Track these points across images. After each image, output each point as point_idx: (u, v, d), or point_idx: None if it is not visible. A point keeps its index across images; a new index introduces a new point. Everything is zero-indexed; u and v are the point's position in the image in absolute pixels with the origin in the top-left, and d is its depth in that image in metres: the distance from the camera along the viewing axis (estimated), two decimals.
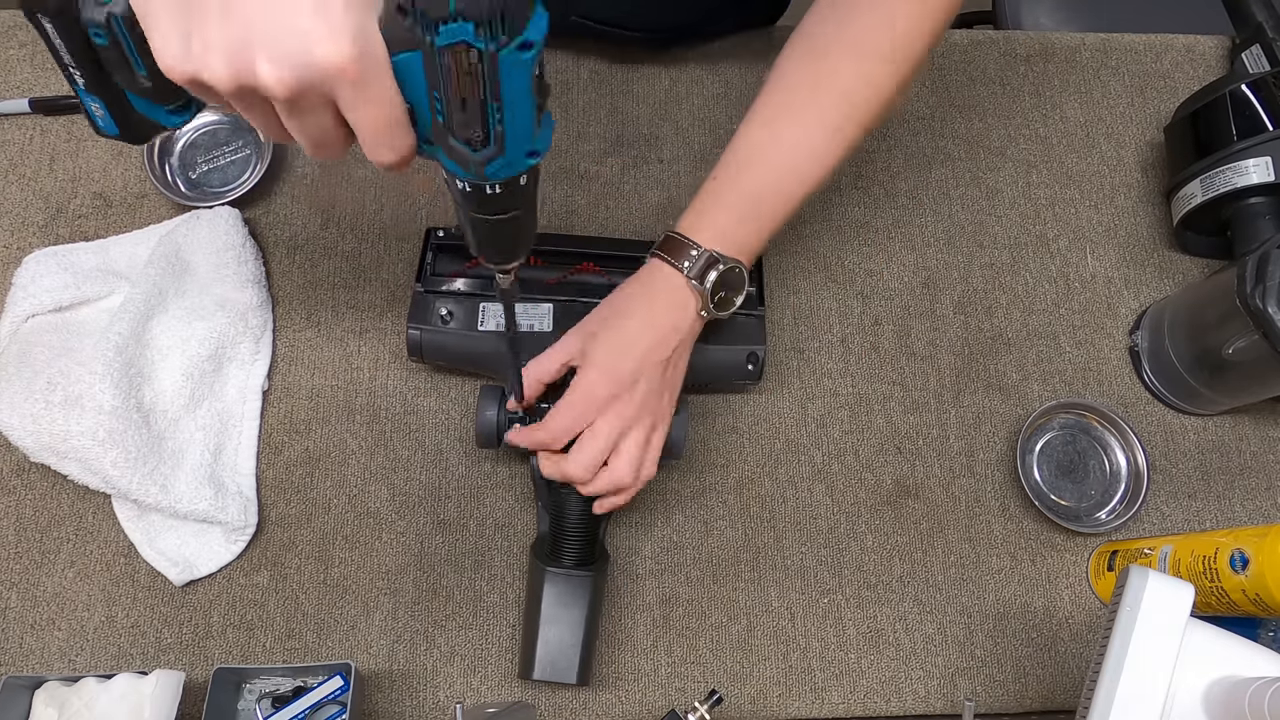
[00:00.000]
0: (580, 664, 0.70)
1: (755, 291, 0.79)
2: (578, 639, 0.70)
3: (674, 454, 0.74)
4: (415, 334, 0.76)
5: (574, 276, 0.80)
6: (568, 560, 0.72)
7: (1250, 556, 0.65)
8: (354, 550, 0.78)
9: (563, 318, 0.76)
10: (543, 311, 0.77)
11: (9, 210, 0.85)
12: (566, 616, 0.71)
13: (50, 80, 0.89)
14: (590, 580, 0.72)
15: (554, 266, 0.80)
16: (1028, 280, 0.90)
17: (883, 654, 0.78)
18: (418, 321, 0.76)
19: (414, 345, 0.76)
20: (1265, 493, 0.85)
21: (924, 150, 0.93)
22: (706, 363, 0.77)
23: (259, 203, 0.86)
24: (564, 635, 0.70)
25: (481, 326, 0.76)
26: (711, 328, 0.73)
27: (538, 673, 0.70)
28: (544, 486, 0.73)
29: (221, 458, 0.77)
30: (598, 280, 0.79)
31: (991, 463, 0.84)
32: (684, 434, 0.74)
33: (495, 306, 0.77)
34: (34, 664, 0.74)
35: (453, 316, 0.76)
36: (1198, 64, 0.98)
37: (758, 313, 0.79)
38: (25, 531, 0.77)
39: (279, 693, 0.73)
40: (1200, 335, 0.81)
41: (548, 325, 0.76)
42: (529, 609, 0.72)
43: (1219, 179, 0.83)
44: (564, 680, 0.70)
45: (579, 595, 0.71)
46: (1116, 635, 0.56)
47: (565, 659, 0.70)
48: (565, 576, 0.71)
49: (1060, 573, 0.81)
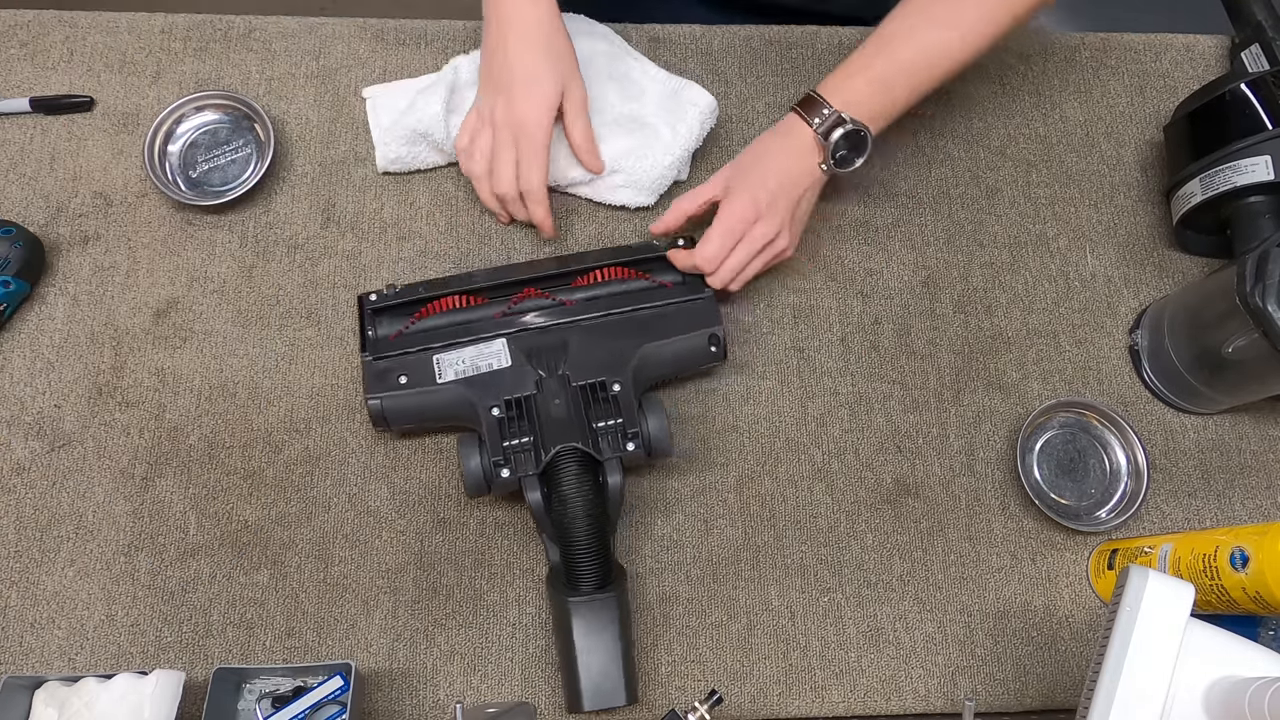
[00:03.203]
0: (625, 684, 0.70)
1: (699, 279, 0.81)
2: (617, 660, 0.70)
3: (662, 452, 0.75)
4: (375, 404, 0.75)
5: (517, 305, 0.80)
6: (586, 586, 0.71)
7: (1250, 554, 0.65)
8: (354, 549, 0.78)
9: (519, 348, 0.77)
10: (497, 348, 0.77)
11: (9, 210, 0.85)
12: (600, 642, 0.70)
13: (50, 80, 0.89)
14: (614, 599, 0.71)
15: (493, 302, 0.80)
16: (1027, 279, 0.90)
17: (883, 653, 0.78)
18: (375, 391, 0.75)
19: (377, 415, 0.75)
20: (1265, 491, 0.85)
21: (924, 149, 0.93)
22: (673, 354, 0.79)
23: (259, 202, 0.86)
24: (603, 661, 0.70)
25: (440, 379, 0.76)
26: (662, 322, 0.79)
27: (588, 705, 0.69)
28: (545, 519, 0.72)
29: None
30: (541, 302, 0.80)
31: (991, 461, 0.84)
32: (665, 433, 0.74)
33: (449, 356, 0.76)
34: (34, 662, 0.74)
35: (409, 377, 0.75)
36: (1197, 63, 0.98)
37: (705, 295, 0.80)
38: (25, 530, 0.77)
39: (279, 692, 0.73)
40: (1200, 334, 0.81)
41: (505, 360, 0.76)
42: (562, 643, 0.71)
43: (1218, 178, 0.83)
44: (614, 704, 0.69)
45: (607, 618, 0.70)
46: (1116, 635, 0.56)
47: (610, 683, 0.69)
48: (588, 603, 0.70)
49: (1060, 571, 0.81)
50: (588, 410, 0.74)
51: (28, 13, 0.90)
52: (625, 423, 0.74)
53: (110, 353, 0.82)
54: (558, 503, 0.72)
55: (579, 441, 0.72)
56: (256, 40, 0.91)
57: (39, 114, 0.87)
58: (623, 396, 0.75)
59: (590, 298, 0.80)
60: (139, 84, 0.89)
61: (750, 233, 0.78)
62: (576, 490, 0.71)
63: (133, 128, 0.88)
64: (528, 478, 0.72)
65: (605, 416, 0.74)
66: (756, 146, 0.81)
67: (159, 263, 0.84)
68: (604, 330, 0.78)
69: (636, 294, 0.81)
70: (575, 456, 0.72)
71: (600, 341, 0.78)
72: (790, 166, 0.79)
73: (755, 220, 0.78)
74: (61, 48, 0.90)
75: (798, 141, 0.78)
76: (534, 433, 0.73)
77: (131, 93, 0.89)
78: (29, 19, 0.90)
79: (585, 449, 0.72)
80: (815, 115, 0.77)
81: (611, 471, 0.72)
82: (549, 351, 0.77)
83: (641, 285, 0.82)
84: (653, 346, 0.78)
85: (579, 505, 0.71)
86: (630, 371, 0.76)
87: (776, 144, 0.79)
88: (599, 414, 0.74)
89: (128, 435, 0.80)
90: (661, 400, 0.76)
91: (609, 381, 0.76)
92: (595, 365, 0.76)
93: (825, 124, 0.77)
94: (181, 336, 0.83)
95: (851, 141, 0.78)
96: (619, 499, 0.73)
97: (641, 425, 0.74)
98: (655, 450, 0.74)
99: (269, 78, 0.90)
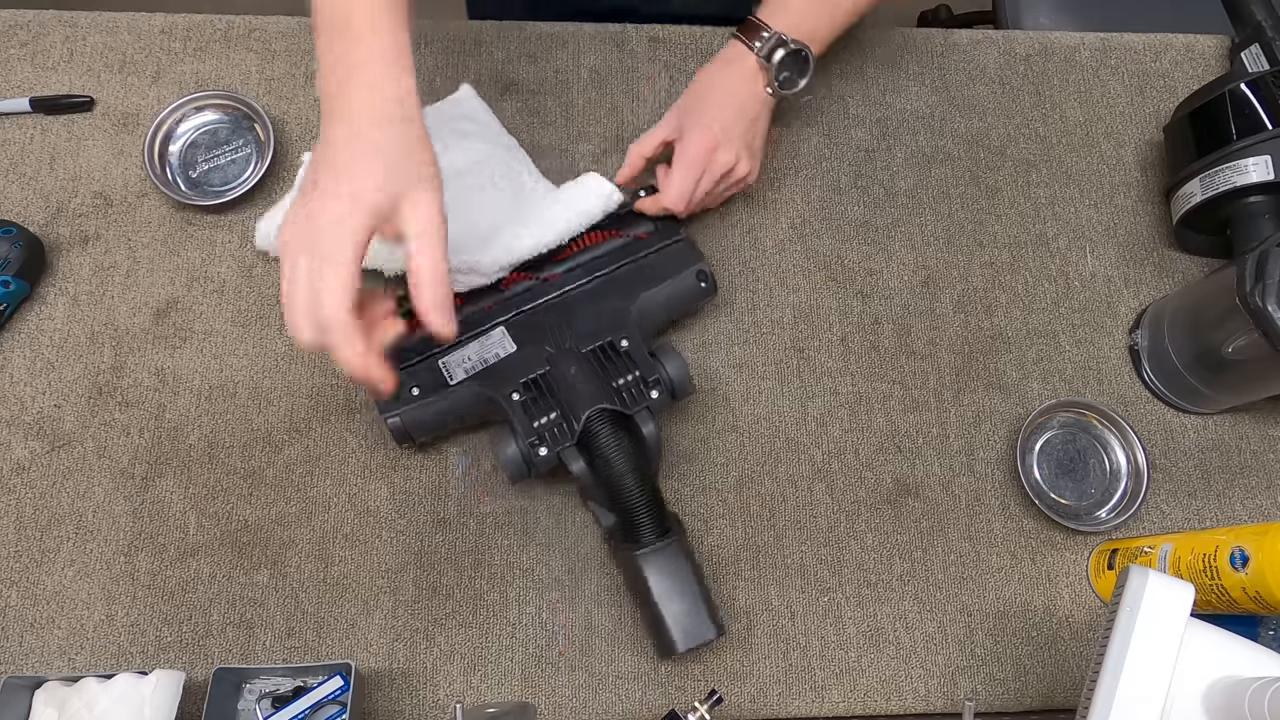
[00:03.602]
0: (711, 619, 0.71)
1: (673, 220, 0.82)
2: (697, 598, 0.71)
3: (685, 392, 0.75)
4: (396, 421, 0.74)
5: (505, 293, 0.80)
6: (649, 536, 0.72)
7: (1250, 554, 0.65)
8: (354, 549, 0.78)
9: (520, 331, 0.77)
10: (498, 337, 0.77)
11: (9, 210, 0.85)
12: (677, 586, 0.71)
13: (50, 80, 0.89)
14: (677, 543, 0.72)
15: (481, 296, 0.80)
16: (1027, 279, 0.90)
17: (883, 653, 0.78)
18: (391, 409, 0.75)
19: (400, 432, 0.75)
20: (1265, 491, 0.85)
21: (924, 149, 0.93)
22: (666, 298, 0.80)
23: (259, 202, 0.86)
24: (684, 602, 0.71)
25: (452, 380, 0.76)
26: (648, 271, 0.80)
27: (681, 646, 0.70)
28: (593, 485, 0.73)
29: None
30: (527, 284, 0.80)
31: (991, 461, 0.84)
32: (685, 372, 0.75)
33: (455, 356, 0.76)
34: (34, 662, 0.74)
35: (420, 388, 0.75)
36: (1197, 63, 0.98)
37: (681, 237, 0.82)
38: (25, 530, 0.77)
39: (279, 693, 0.73)
40: (1200, 334, 0.81)
41: (510, 346, 0.77)
42: (640, 596, 0.73)
43: (1218, 178, 0.83)
44: (706, 639, 0.71)
45: (677, 561, 0.72)
46: (1116, 635, 0.56)
47: (696, 621, 0.71)
48: (656, 552, 0.72)
49: (1060, 571, 0.81)
50: (604, 370, 0.75)
51: (28, 13, 0.90)
52: (644, 373, 0.75)
53: (110, 353, 0.82)
54: (602, 465, 0.72)
55: (605, 402, 0.73)
56: (256, 40, 0.91)
57: (39, 114, 0.87)
58: (634, 349, 0.76)
59: (572, 267, 0.81)
60: (139, 84, 0.89)
61: (710, 165, 0.79)
62: (617, 448, 0.72)
63: (133, 128, 0.88)
64: (566, 449, 0.72)
65: (623, 372, 0.75)
66: (702, 79, 0.82)
67: (159, 263, 0.84)
68: (596, 293, 0.79)
69: (616, 252, 0.82)
70: (607, 417, 0.73)
71: (596, 304, 0.79)
72: (738, 92, 0.80)
73: (714, 149, 0.79)
74: (61, 48, 0.90)
75: (741, 68, 0.80)
76: (559, 406, 0.73)
77: (131, 93, 0.89)
78: (29, 19, 0.90)
79: (613, 407, 0.73)
80: (756, 39, 0.79)
81: (644, 422, 0.73)
82: (550, 327, 0.78)
83: (618, 244, 0.82)
84: (647, 295, 0.79)
85: (623, 461, 0.72)
86: (633, 324, 0.77)
87: (721, 74, 0.81)
88: (616, 371, 0.75)
89: (128, 435, 0.80)
90: (673, 343, 0.77)
91: (616, 340, 0.76)
92: (598, 328, 0.77)
93: (766, 46, 0.79)
94: (181, 336, 0.83)
95: (794, 61, 0.80)
96: (657, 446, 0.74)
97: (660, 371, 0.75)
98: (679, 391, 0.75)
99: (269, 78, 0.90)
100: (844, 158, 0.92)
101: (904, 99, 0.95)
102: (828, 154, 0.92)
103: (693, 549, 0.74)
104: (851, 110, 0.94)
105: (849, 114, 0.94)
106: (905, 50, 0.96)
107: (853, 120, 0.93)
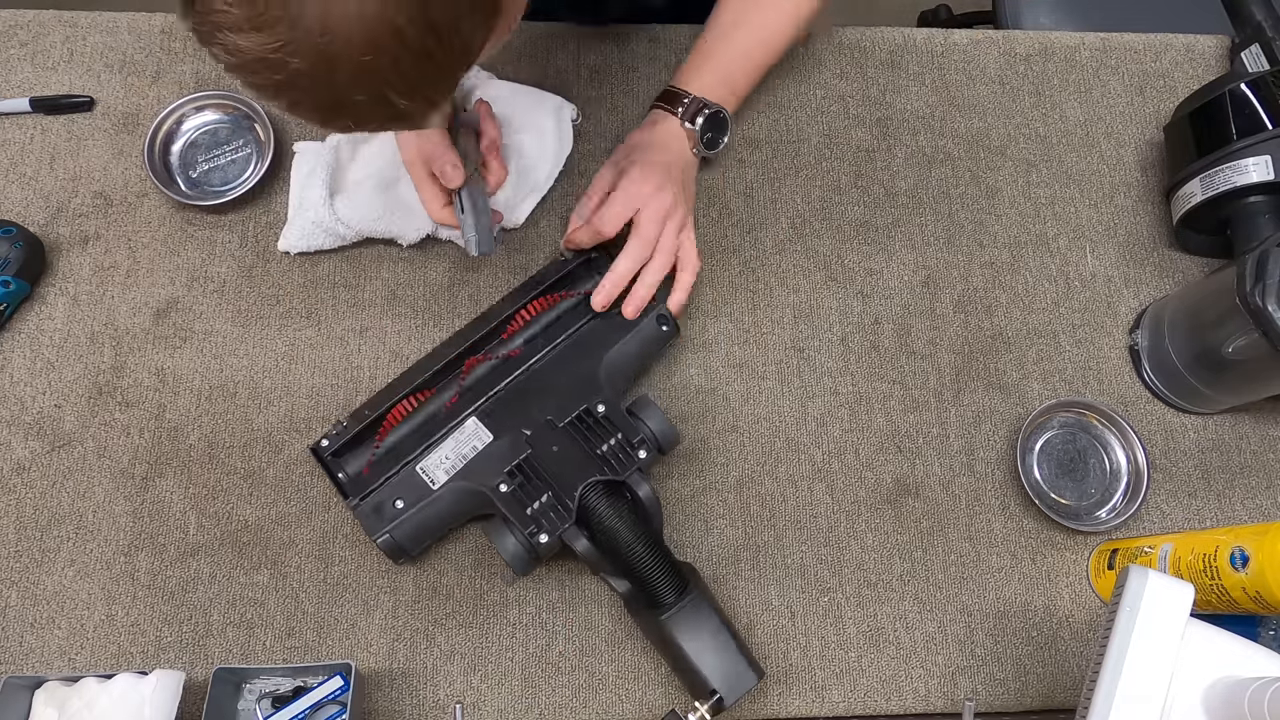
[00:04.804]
0: (750, 665, 0.70)
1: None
2: (731, 647, 0.70)
3: (673, 443, 0.75)
4: (386, 539, 0.72)
5: (467, 380, 0.77)
6: (668, 596, 0.71)
7: (1251, 554, 0.65)
8: (354, 549, 0.78)
9: (493, 419, 0.75)
10: (471, 429, 0.75)
11: (9, 210, 0.85)
12: (708, 640, 0.70)
13: (50, 80, 0.89)
14: (698, 595, 0.71)
15: (443, 388, 0.77)
16: (1028, 279, 0.90)
17: (883, 652, 0.78)
18: (378, 529, 0.72)
19: (393, 550, 0.72)
20: (1265, 491, 0.85)
21: (924, 150, 0.93)
22: (634, 350, 0.79)
23: (259, 202, 0.86)
24: (721, 656, 0.70)
25: (435, 485, 0.73)
26: (609, 326, 0.78)
27: (728, 700, 0.69)
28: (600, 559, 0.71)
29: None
30: (488, 365, 0.78)
31: (991, 461, 0.84)
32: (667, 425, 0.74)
33: (432, 459, 0.74)
34: (34, 662, 0.74)
35: (404, 499, 0.73)
36: (1197, 63, 0.98)
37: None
38: (25, 530, 0.77)
39: (279, 693, 0.73)
40: (1200, 334, 0.81)
41: (486, 436, 0.74)
42: (674, 658, 0.71)
43: (1219, 178, 0.83)
44: (748, 688, 0.70)
45: (703, 615, 0.71)
46: (1116, 635, 0.56)
47: (736, 671, 0.70)
48: (680, 611, 0.70)
49: (1060, 571, 0.81)
50: (588, 441, 0.73)
51: (28, 13, 0.90)
52: (626, 435, 0.73)
53: (110, 353, 0.82)
54: (605, 538, 0.71)
55: (595, 473, 0.72)
56: None
57: (39, 114, 0.87)
58: (611, 412, 0.74)
59: (530, 338, 0.79)
60: (139, 84, 0.89)
61: (650, 203, 0.78)
62: (617, 518, 0.71)
63: (133, 128, 0.88)
64: (567, 530, 0.71)
65: (605, 438, 0.73)
66: (634, 139, 0.84)
67: (159, 263, 0.84)
68: (560, 360, 0.78)
69: (570, 314, 0.80)
70: (600, 488, 0.72)
71: (562, 372, 0.77)
72: (670, 147, 0.82)
73: (658, 189, 0.79)
74: (61, 48, 0.90)
75: (666, 130, 0.83)
76: (550, 487, 0.72)
77: (131, 93, 0.89)
78: (29, 19, 0.90)
79: (604, 477, 0.72)
80: (678, 105, 0.82)
81: (638, 485, 0.72)
82: (521, 406, 0.75)
83: (570, 304, 0.81)
84: (613, 353, 0.78)
85: (627, 531, 0.71)
86: (604, 385, 0.76)
87: (649, 136, 0.83)
88: (599, 438, 0.73)
89: (128, 435, 0.80)
90: (648, 395, 0.76)
91: (592, 405, 0.75)
92: (570, 396, 0.75)
93: (688, 111, 0.82)
94: (181, 336, 0.83)
95: (714, 123, 0.83)
96: (656, 506, 0.73)
97: (643, 429, 0.74)
98: (665, 445, 0.74)
99: None
100: (844, 158, 0.92)
101: (904, 99, 0.95)
102: (828, 154, 0.92)
103: (713, 595, 0.73)
104: (851, 110, 0.94)
105: (849, 114, 0.94)
106: (905, 50, 0.96)
107: (853, 120, 0.93)
